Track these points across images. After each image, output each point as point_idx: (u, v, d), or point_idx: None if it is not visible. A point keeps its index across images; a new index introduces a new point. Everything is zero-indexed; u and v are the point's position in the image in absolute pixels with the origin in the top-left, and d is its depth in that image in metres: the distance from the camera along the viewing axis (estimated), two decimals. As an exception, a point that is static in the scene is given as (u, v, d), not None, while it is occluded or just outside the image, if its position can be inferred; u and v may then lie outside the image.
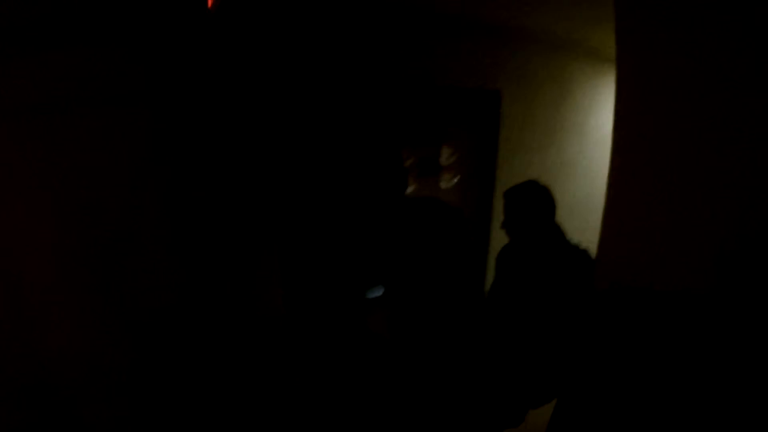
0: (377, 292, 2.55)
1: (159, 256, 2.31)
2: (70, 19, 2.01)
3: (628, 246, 1.58)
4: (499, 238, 3.08)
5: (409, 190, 3.15)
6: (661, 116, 1.47)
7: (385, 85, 2.95)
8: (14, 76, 1.97)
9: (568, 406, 1.47)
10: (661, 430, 1.04)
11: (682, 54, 1.37)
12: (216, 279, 2.46)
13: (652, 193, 1.49)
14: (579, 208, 3.74)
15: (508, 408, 2.00)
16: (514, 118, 3.50)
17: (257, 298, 2.63)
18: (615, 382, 1.14)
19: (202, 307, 2.43)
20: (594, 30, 3.27)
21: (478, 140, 3.50)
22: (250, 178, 2.50)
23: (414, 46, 2.98)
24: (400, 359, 1.97)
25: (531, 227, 2.12)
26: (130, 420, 2.31)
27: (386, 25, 2.84)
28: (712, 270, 1.24)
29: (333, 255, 2.68)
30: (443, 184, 3.39)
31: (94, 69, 2.07)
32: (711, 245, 1.27)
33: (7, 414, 2.10)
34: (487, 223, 3.52)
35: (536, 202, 2.15)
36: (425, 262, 2.06)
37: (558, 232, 2.13)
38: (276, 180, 2.57)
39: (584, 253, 2.06)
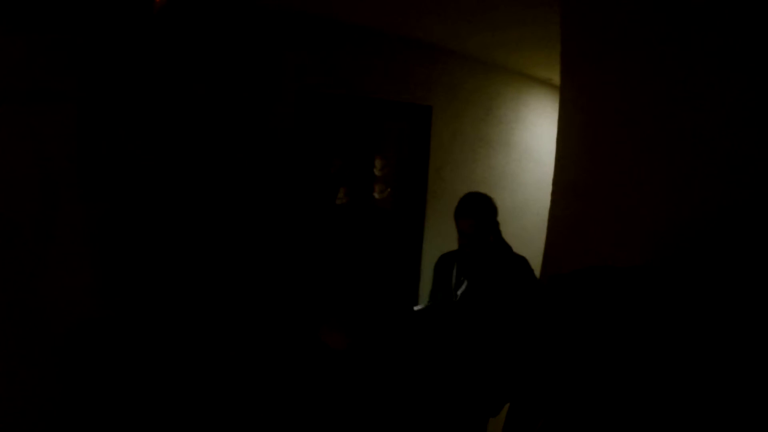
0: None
1: (76, 265, 2.13)
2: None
3: (571, 246, 1.74)
4: (431, 247, 3.55)
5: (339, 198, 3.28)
6: (600, 131, 1.64)
7: (321, 95, 3.00)
8: None
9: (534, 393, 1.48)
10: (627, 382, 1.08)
11: (617, 79, 1.56)
12: (140, 287, 2.32)
13: (591, 198, 1.66)
14: (504, 217, 4.43)
15: (487, 399, 2.00)
16: (444, 131, 3.73)
17: (185, 306, 2.50)
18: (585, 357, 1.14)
19: (126, 317, 2.28)
20: (517, 52, 3.65)
21: (410, 152, 3.65)
22: (176, 182, 2.41)
23: (350, 60, 3.09)
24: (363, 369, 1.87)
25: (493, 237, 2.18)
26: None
27: (323, 38, 2.92)
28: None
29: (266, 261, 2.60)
30: (377, 195, 3.54)
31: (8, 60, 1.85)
32: (643, 240, 1.44)
33: None
34: (419, 232, 3.67)
35: (493, 212, 2.23)
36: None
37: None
38: (202, 185, 2.51)
39: (523, 258, 2.17)
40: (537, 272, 2.11)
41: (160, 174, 2.36)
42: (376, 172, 3.58)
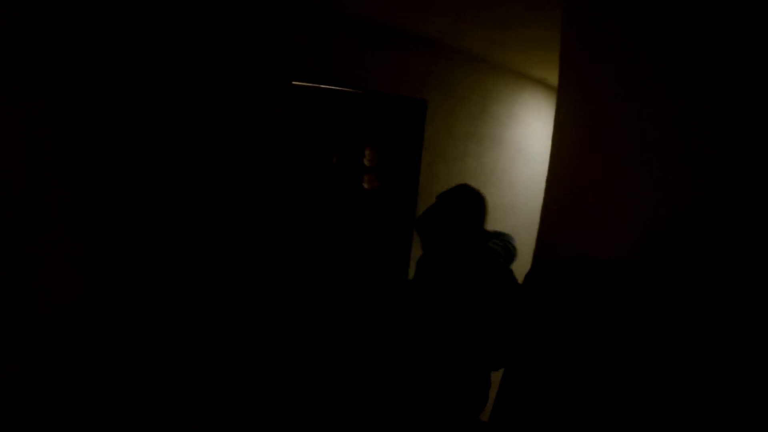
0: None
1: (64, 249, 2.07)
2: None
3: (562, 241, 1.79)
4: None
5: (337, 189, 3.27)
6: (595, 129, 1.67)
7: (316, 90, 2.97)
8: None
9: (514, 379, 1.48)
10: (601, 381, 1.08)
11: (615, 80, 1.60)
12: (131, 273, 2.27)
13: (583, 196, 1.71)
14: (495, 214, 4.07)
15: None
16: (438, 126, 3.73)
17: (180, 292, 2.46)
18: (561, 347, 1.14)
19: (115, 304, 2.23)
20: (514, 52, 3.67)
21: (403, 145, 3.64)
22: (170, 167, 2.35)
23: (347, 51, 3.06)
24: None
25: (455, 234, 2.00)
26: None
27: (319, 28, 2.87)
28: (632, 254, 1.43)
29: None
30: (366, 185, 3.51)
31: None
32: (633, 238, 1.48)
33: None
34: (409, 226, 3.67)
35: (468, 209, 2.06)
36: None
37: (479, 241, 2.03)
38: (196, 170, 2.45)
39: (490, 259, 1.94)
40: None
41: (154, 159, 2.31)
42: (366, 162, 3.54)
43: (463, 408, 1.97)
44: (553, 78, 4.45)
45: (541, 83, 4.71)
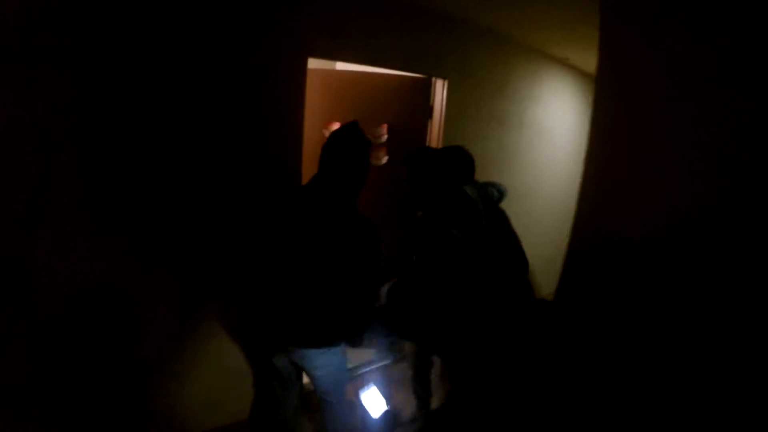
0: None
1: (75, 232, 2.03)
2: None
3: (598, 225, 1.74)
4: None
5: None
6: (633, 116, 1.62)
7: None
8: None
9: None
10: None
11: (657, 64, 1.53)
12: (144, 257, 2.23)
13: (621, 180, 1.66)
14: (516, 195, 3.91)
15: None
16: (455, 105, 3.60)
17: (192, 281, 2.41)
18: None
19: (126, 288, 2.20)
20: (535, 30, 3.55)
21: (420, 124, 3.56)
22: (181, 145, 2.28)
23: (361, 28, 2.95)
24: None
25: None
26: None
27: (333, 6, 2.76)
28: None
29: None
30: (374, 161, 3.39)
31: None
32: (669, 225, 1.43)
33: None
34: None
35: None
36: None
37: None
38: (205, 149, 2.35)
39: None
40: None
41: (164, 141, 2.26)
42: (376, 139, 3.47)
43: None
44: (576, 57, 4.31)
45: (563, 62, 4.57)
